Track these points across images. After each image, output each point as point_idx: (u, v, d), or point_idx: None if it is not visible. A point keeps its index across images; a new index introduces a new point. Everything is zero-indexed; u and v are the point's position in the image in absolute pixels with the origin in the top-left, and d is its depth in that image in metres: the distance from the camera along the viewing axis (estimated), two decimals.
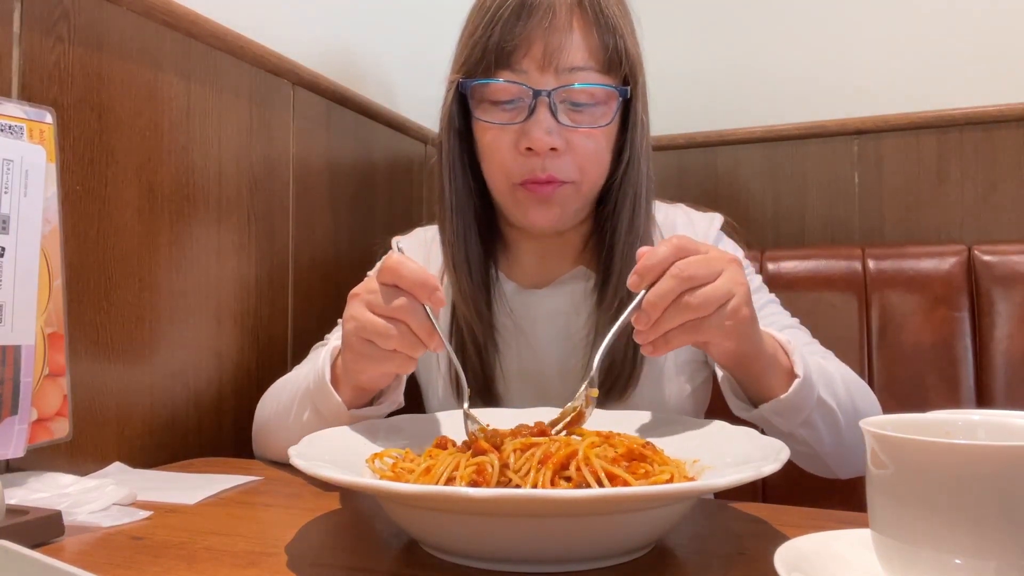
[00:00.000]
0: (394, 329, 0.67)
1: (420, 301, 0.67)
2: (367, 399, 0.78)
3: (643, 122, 0.89)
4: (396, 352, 0.68)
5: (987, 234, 1.36)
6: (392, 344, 0.67)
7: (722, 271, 0.65)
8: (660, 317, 0.65)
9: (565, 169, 0.85)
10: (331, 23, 1.28)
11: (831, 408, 0.77)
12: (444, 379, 0.96)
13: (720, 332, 0.67)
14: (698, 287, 0.64)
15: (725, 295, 0.65)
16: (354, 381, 0.74)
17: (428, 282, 0.66)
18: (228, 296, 1.03)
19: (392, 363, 0.69)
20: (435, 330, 0.67)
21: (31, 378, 0.68)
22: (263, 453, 0.92)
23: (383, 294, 0.67)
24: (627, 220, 0.89)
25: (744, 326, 0.68)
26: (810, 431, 0.77)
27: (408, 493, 0.49)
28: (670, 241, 0.66)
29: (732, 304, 0.65)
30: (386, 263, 0.68)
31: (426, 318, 0.67)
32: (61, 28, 0.80)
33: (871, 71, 1.46)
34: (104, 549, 0.58)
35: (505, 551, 0.52)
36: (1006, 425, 0.47)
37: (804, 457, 0.81)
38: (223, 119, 1.02)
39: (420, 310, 0.67)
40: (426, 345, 0.68)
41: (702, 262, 0.65)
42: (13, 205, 0.67)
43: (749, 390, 0.77)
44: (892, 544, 0.42)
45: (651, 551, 0.57)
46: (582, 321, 0.92)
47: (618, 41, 0.85)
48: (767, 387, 0.74)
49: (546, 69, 0.83)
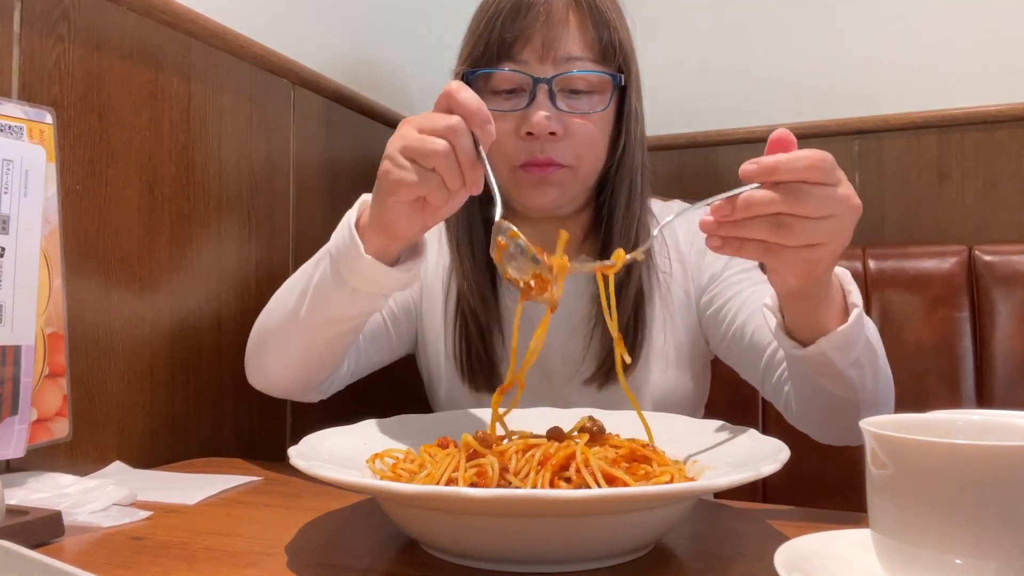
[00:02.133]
0: (441, 144, 0.64)
1: (472, 128, 0.64)
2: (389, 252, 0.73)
3: (637, 112, 0.94)
4: (434, 174, 0.65)
5: (987, 234, 1.35)
6: (435, 161, 0.64)
7: (833, 215, 0.60)
8: (746, 220, 0.60)
9: (563, 153, 0.89)
10: (331, 23, 1.28)
11: (874, 348, 0.75)
12: (450, 364, 0.97)
13: (791, 268, 0.64)
14: (800, 217, 0.59)
15: (820, 238, 0.60)
16: (382, 216, 0.69)
17: (482, 110, 0.64)
18: (228, 296, 1.03)
19: (428, 185, 0.65)
20: (479, 161, 0.65)
21: (31, 378, 0.68)
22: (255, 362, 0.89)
23: (435, 116, 0.65)
24: (623, 204, 0.93)
25: (814, 276, 0.65)
26: (858, 371, 0.73)
27: (408, 493, 0.49)
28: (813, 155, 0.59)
29: (818, 253, 0.61)
30: (445, 89, 0.65)
31: (473, 145, 0.64)
32: (61, 28, 0.80)
33: (871, 71, 1.46)
34: (104, 549, 0.58)
35: (505, 551, 0.52)
36: (1006, 425, 0.47)
37: (840, 410, 0.77)
38: (223, 119, 1.02)
39: (469, 135, 0.64)
40: (466, 176, 0.65)
41: (822, 198, 0.59)
42: (13, 205, 0.67)
43: (798, 326, 0.73)
44: (892, 544, 0.42)
45: (651, 551, 0.57)
46: (584, 303, 0.95)
47: (612, 34, 0.90)
48: (820, 322, 0.70)
49: (545, 59, 0.87)
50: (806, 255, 0.61)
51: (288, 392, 0.90)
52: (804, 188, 0.58)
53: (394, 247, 0.73)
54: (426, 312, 1.01)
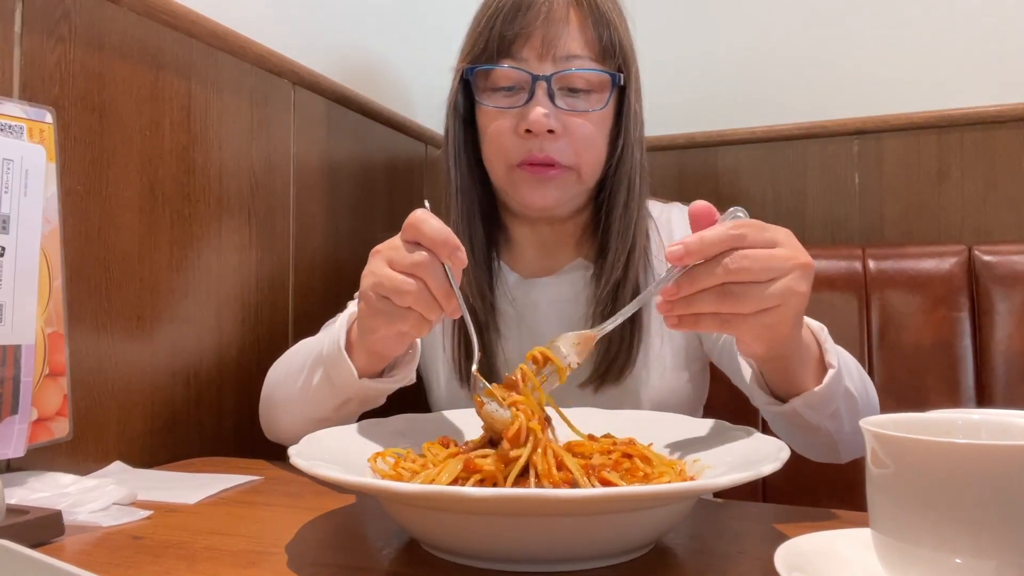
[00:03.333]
0: (412, 284, 0.65)
1: (441, 259, 0.65)
2: (380, 368, 0.77)
3: (636, 112, 0.94)
4: (411, 311, 0.66)
5: (987, 234, 1.36)
6: (408, 301, 0.65)
7: (781, 276, 0.59)
8: (694, 295, 0.60)
9: (563, 152, 0.89)
10: (331, 23, 1.28)
11: (853, 396, 0.75)
12: (448, 364, 0.97)
13: (752, 335, 0.63)
14: (748, 282, 0.59)
15: (774, 302, 0.59)
16: (368, 344, 0.72)
17: (449, 240, 0.64)
18: (228, 296, 1.03)
19: (406, 322, 0.67)
20: (453, 292, 0.65)
21: (31, 378, 0.68)
22: (267, 421, 0.92)
23: (404, 250, 0.66)
24: (622, 205, 0.93)
25: (779, 340, 0.64)
26: (836, 422, 0.74)
27: (409, 493, 0.49)
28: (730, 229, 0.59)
29: (775, 316, 0.60)
30: (409, 219, 0.66)
31: (445, 278, 0.65)
32: (62, 28, 0.80)
33: (871, 71, 1.46)
34: (104, 549, 0.58)
35: (505, 551, 0.52)
36: (1006, 425, 0.47)
37: (819, 447, 0.79)
38: (223, 119, 1.02)
39: (439, 268, 0.65)
40: (443, 308, 0.66)
41: (761, 259, 0.58)
42: (13, 205, 0.67)
43: (774, 384, 0.74)
44: (892, 544, 0.42)
45: (651, 551, 0.57)
46: (581, 309, 0.95)
47: (612, 33, 0.90)
48: (796, 380, 0.71)
49: (544, 57, 0.87)
50: (763, 320, 0.60)
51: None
52: (740, 254, 0.58)
53: (376, 361, 0.76)
54: None
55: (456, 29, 0.96)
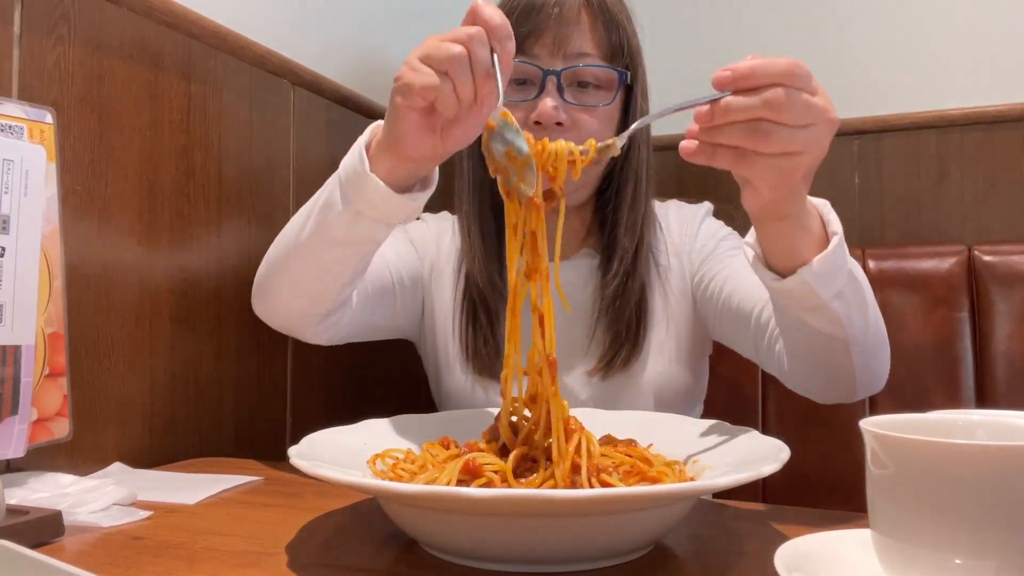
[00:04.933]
0: (458, 48, 0.63)
1: (492, 41, 0.63)
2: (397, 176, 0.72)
3: (643, 111, 0.97)
4: (446, 78, 0.64)
5: (987, 234, 1.36)
6: (447, 66, 0.63)
7: (811, 124, 0.59)
8: (723, 127, 0.59)
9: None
10: (331, 23, 1.28)
11: (858, 282, 0.74)
12: (456, 346, 0.98)
13: (765, 178, 0.62)
14: (778, 123, 0.58)
15: (796, 148, 0.59)
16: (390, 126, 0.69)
17: (505, 26, 0.63)
18: (228, 296, 1.03)
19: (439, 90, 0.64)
20: (493, 74, 0.63)
21: (31, 378, 0.68)
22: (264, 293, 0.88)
23: (458, 28, 0.65)
24: (628, 201, 0.96)
25: (788, 188, 0.63)
26: (843, 304, 0.71)
27: (408, 493, 0.49)
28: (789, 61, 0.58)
29: (794, 162, 0.60)
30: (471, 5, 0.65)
31: (489, 57, 0.63)
32: (61, 28, 0.80)
33: (871, 71, 1.46)
34: (104, 549, 0.58)
35: (505, 551, 0.52)
36: (1006, 425, 0.47)
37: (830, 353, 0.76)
38: (223, 119, 1.02)
39: (486, 47, 0.63)
40: (478, 88, 0.64)
41: (800, 104, 0.58)
42: (13, 205, 0.67)
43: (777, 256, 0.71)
44: (892, 544, 0.42)
45: (651, 551, 0.57)
46: (588, 294, 0.97)
47: (620, 34, 0.93)
48: (798, 251, 0.68)
49: (555, 54, 0.91)
50: (781, 163, 0.60)
51: (291, 320, 0.88)
52: (782, 93, 0.57)
53: (401, 169, 0.71)
54: (436, 292, 1.02)
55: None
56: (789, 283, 0.69)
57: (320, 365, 1.19)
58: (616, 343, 0.93)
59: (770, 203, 0.65)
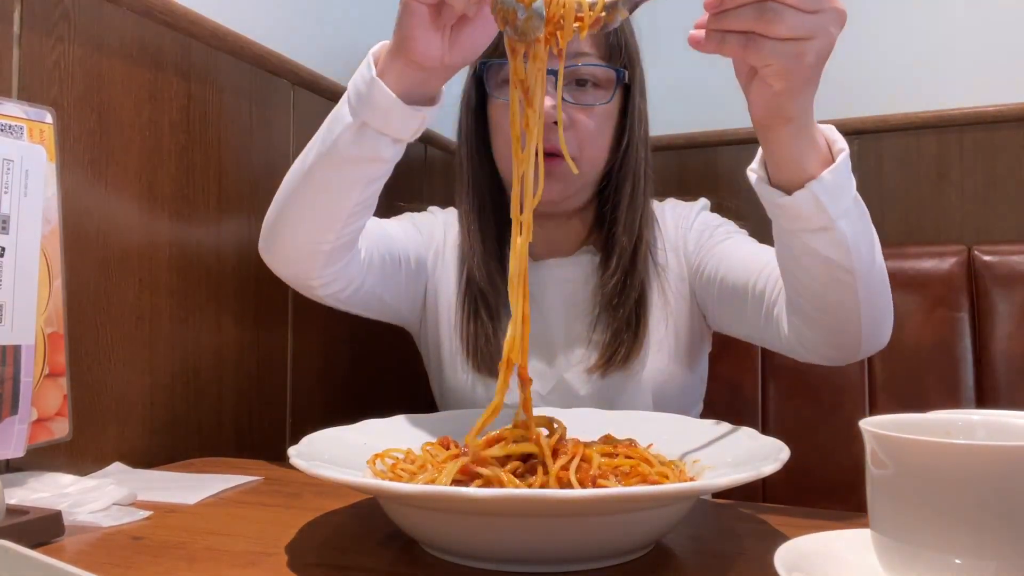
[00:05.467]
0: None
1: None
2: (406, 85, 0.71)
3: (641, 111, 0.97)
4: None
5: (987, 234, 1.35)
6: None
7: (820, 10, 0.60)
8: (731, 10, 0.59)
9: (568, 144, 0.90)
10: (331, 23, 1.28)
11: (864, 210, 0.73)
12: (457, 347, 0.98)
13: (774, 64, 0.61)
14: (791, 6, 0.58)
15: (805, 32, 0.59)
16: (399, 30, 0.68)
17: None
18: (228, 296, 1.03)
19: None
20: None
21: (31, 378, 0.68)
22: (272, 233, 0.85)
23: None
24: (627, 201, 0.96)
25: (802, 74, 0.62)
26: (850, 225, 0.70)
27: (408, 493, 0.49)
28: None
29: (803, 47, 0.60)
30: None
31: None
32: (61, 28, 0.80)
33: (871, 71, 1.46)
34: (104, 549, 0.58)
35: (505, 551, 0.52)
36: (1006, 425, 0.47)
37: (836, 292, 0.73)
38: (223, 119, 1.02)
39: None
40: None
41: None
42: (13, 205, 0.67)
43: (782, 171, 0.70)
44: (892, 544, 0.42)
45: (651, 551, 0.57)
46: (588, 292, 0.98)
47: (618, 35, 0.93)
48: (804, 165, 0.68)
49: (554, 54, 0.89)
50: (791, 49, 0.60)
51: (298, 263, 0.85)
52: None
53: (409, 77, 0.70)
54: (440, 280, 1.02)
55: None
56: (797, 198, 0.68)
57: (320, 365, 1.20)
58: (616, 340, 0.93)
59: (777, 97, 0.64)
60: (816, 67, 0.63)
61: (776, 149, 0.69)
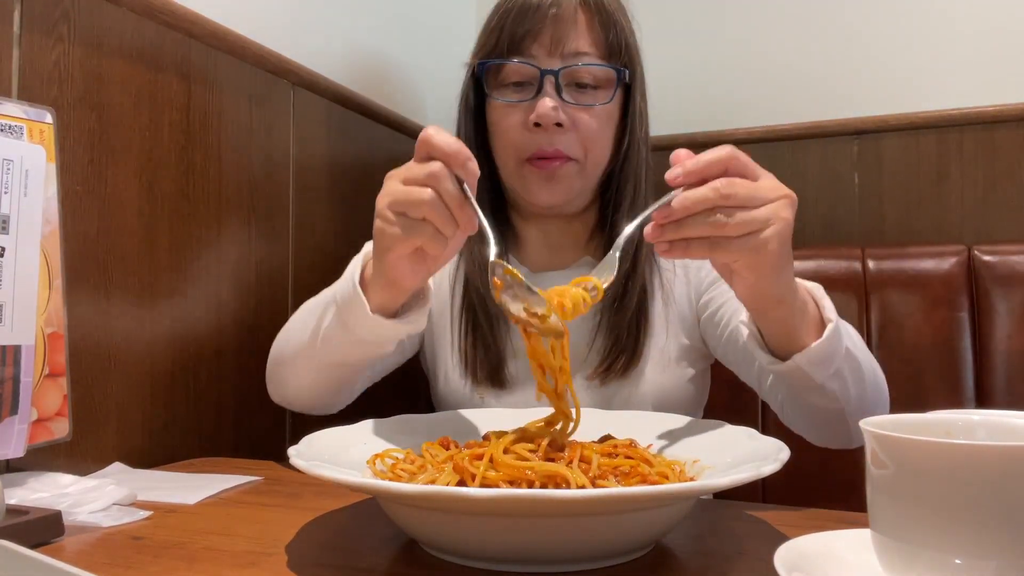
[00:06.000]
0: (427, 193, 0.64)
1: (454, 171, 0.64)
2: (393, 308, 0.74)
3: (642, 111, 0.97)
4: (426, 223, 0.65)
5: (987, 234, 1.35)
6: (423, 211, 0.64)
7: (766, 201, 0.63)
8: (685, 220, 0.62)
9: (570, 145, 0.92)
10: (331, 23, 1.28)
11: (856, 360, 0.76)
12: (456, 357, 0.98)
13: (742, 260, 0.64)
14: (735, 207, 0.62)
15: (760, 224, 0.62)
16: (384, 268, 0.70)
17: (461, 151, 0.64)
18: (228, 296, 1.03)
19: (422, 235, 0.66)
20: (467, 201, 0.65)
21: (31, 378, 0.68)
22: (276, 382, 0.93)
23: (416, 166, 0.66)
24: (628, 202, 0.95)
25: (771, 262, 0.64)
26: (840, 383, 0.74)
27: (408, 493, 0.49)
28: (725, 149, 0.63)
29: (764, 236, 0.62)
30: (420, 136, 0.66)
31: (458, 187, 0.64)
32: (61, 28, 0.80)
33: (871, 71, 1.46)
34: (104, 549, 0.58)
35: (505, 551, 0.52)
36: (1006, 425, 0.47)
37: (828, 422, 0.80)
38: (223, 119, 1.02)
39: (452, 179, 0.64)
40: (457, 219, 0.65)
41: (749, 188, 0.62)
42: (13, 205, 0.67)
43: (774, 340, 0.73)
44: (892, 544, 0.42)
45: (651, 551, 0.57)
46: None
47: (617, 33, 0.93)
48: (795, 337, 0.71)
49: (553, 54, 0.91)
50: (751, 243, 0.63)
51: (308, 410, 0.93)
52: (728, 180, 0.62)
53: (399, 298, 0.74)
54: (438, 289, 1.01)
55: (455, 29, 0.96)
56: (785, 367, 0.72)
57: None
58: (616, 348, 0.92)
59: (758, 284, 0.67)
60: (781, 251, 0.65)
61: (768, 326, 0.73)
